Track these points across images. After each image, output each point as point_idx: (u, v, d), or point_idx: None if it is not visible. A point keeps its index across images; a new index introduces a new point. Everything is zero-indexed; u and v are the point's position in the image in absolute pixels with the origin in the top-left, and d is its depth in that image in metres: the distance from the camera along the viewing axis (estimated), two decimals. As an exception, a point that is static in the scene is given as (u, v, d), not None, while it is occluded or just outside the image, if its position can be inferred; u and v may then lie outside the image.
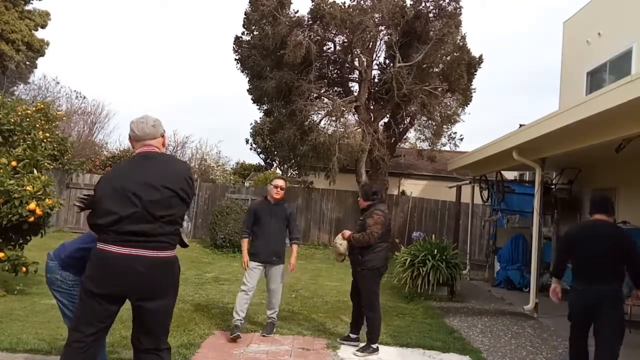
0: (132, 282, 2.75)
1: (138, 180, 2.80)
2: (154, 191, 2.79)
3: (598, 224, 4.43)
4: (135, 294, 2.79)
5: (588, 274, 4.36)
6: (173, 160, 3.15)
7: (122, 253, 2.72)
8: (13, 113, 7.56)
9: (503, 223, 10.87)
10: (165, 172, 2.90)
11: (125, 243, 2.72)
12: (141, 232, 2.74)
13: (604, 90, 5.32)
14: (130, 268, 2.73)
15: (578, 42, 11.48)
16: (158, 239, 2.79)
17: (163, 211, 2.79)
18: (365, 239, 5.05)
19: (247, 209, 5.43)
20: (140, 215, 2.75)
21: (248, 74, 14.87)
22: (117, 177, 2.89)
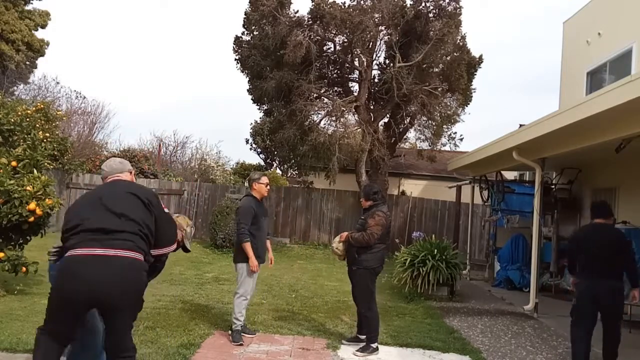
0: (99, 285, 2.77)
1: (103, 191, 3.13)
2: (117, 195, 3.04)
3: (598, 226, 5.07)
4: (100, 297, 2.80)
5: (592, 270, 4.89)
6: (138, 184, 3.38)
7: (86, 254, 2.79)
8: (13, 113, 7.55)
9: (503, 223, 10.87)
10: (130, 185, 3.22)
11: (91, 242, 2.81)
12: (105, 229, 2.84)
13: (604, 90, 5.31)
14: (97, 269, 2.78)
15: (578, 42, 11.48)
16: (122, 237, 2.84)
17: (125, 209, 2.92)
18: (364, 239, 5.04)
19: (245, 209, 5.20)
20: (102, 214, 2.90)
21: (248, 74, 14.87)
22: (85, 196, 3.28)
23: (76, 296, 2.77)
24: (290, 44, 12.01)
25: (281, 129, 13.50)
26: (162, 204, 3.23)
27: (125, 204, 2.96)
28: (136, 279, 2.88)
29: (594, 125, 5.80)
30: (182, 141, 23.60)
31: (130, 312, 2.93)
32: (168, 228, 3.19)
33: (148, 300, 6.58)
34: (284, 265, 11.42)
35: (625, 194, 8.67)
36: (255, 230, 5.20)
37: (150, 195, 3.11)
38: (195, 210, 14.91)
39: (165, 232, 3.14)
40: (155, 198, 3.14)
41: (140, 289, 2.93)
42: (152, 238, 3.02)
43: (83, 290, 2.75)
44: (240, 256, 5.15)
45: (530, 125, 7.16)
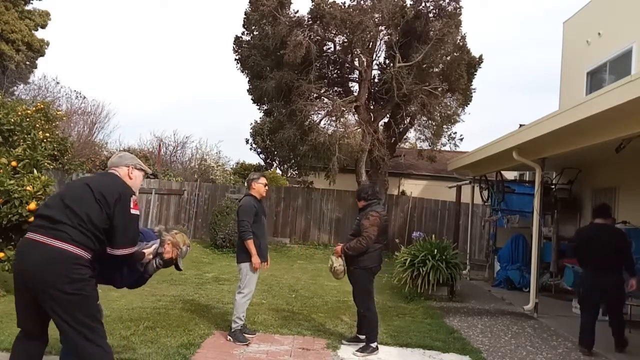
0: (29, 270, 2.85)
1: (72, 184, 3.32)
2: (74, 187, 3.19)
3: (598, 226, 5.73)
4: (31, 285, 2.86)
5: (595, 265, 5.60)
6: (117, 179, 3.25)
7: (30, 238, 2.90)
8: (13, 113, 7.56)
9: (503, 223, 10.87)
10: (100, 179, 3.26)
11: (38, 229, 2.91)
12: (47, 217, 2.92)
13: (604, 90, 5.31)
14: (34, 257, 2.85)
15: (578, 42, 11.48)
16: (60, 228, 2.87)
17: (72, 202, 2.96)
18: (362, 245, 5.02)
19: (246, 207, 5.21)
20: (54, 203, 3.01)
21: (248, 74, 14.87)
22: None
23: (19, 278, 2.92)
24: (290, 44, 12.00)
25: (281, 129, 13.50)
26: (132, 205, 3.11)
27: (76, 197, 3.00)
28: (61, 270, 2.81)
29: (594, 125, 5.80)
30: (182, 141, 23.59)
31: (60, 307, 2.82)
32: (124, 229, 3.04)
33: (148, 300, 6.61)
34: (284, 265, 11.43)
35: (625, 194, 8.67)
36: (257, 229, 5.21)
37: (107, 192, 3.01)
38: (195, 210, 14.91)
39: (120, 232, 3.02)
40: (117, 197, 3.02)
41: (64, 281, 2.80)
42: (102, 235, 2.97)
43: (21, 272, 2.91)
44: (243, 256, 5.15)
45: (530, 125, 7.16)
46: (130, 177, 3.37)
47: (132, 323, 5.32)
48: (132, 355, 4.35)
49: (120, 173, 3.33)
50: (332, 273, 5.32)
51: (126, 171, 3.36)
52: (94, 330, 2.90)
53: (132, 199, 3.14)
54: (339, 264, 5.20)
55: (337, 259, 5.22)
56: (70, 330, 2.85)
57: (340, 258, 5.22)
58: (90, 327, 2.88)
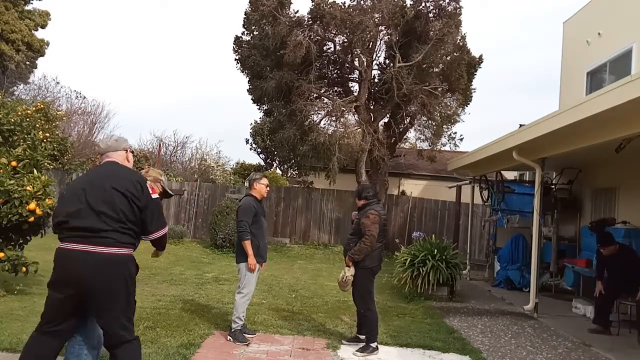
0: (79, 277, 2.89)
1: (85, 180, 3.14)
2: (97, 188, 3.02)
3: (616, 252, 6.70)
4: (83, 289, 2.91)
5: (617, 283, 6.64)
6: (125, 168, 3.28)
7: (72, 249, 2.91)
8: (13, 113, 7.56)
9: (503, 223, 10.86)
10: (114, 174, 3.13)
11: (74, 239, 2.92)
12: (85, 228, 2.92)
13: (604, 90, 5.31)
14: (84, 264, 2.89)
15: (578, 42, 11.48)
16: (103, 235, 2.92)
17: (105, 207, 2.96)
18: (366, 245, 5.00)
19: (246, 207, 5.20)
20: (84, 212, 2.95)
21: (248, 74, 14.87)
22: (72, 184, 3.26)
23: (64, 284, 2.93)
24: (290, 44, 12.00)
25: (281, 129, 13.50)
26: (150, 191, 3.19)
27: (106, 200, 2.98)
28: (119, 272, 2.98)
29: (594, 125, 5.80)
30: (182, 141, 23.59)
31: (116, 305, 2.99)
32: (155, 213, 3.17)
33: (148, 300, 6.61)
34: (284, 265, 11.43)
35: (625, 194, 8.67)
36: (257, 230, 5.20)
37: (130, 186, 3.05)
38: (195, 210, 14.91)
39: (151, 218, 3.14)
40: (139, 187, 3.08)
41: (122, 282, 3.00)
42: (138, 228, 3.09)
43: (69, 278, 2.91)
44: (241, 256, 5.15)
45: (530, 125, 7.16)
46: (128, 160, 3.34)
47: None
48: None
49: (119, 159, 3.27)
50: (343, 284, 5.19)
51: (124, 155, 3.31)
52: (132, 322, 3.12)
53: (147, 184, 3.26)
54: (351, 273, 5.12)
55: (350, 269, 5.13)
56: (117, 326, 2.98)
57: (351, 268, 5.13)
58: (131, 320, 3.11)
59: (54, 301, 2.99)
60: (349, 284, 5.16)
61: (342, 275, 5.19)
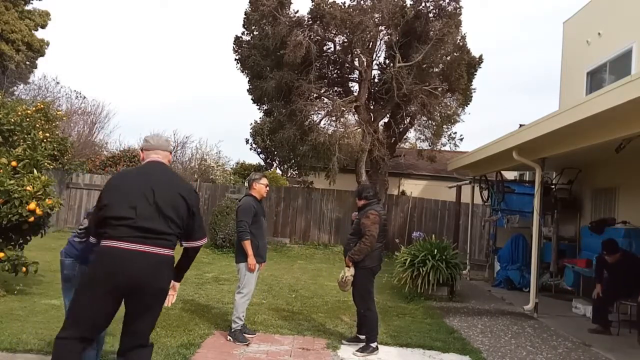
0: (137, 277, 2.82)
1: (148, 179, 3.00)
2: (168, 195, 2.97)
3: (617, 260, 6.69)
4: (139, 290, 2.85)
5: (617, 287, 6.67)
6: (177, 173, 3.32)
7: (132, 249, 2.82)
8: (13, 113, 7.56)
9: (503, 223, 10.86)
10: (175, 178, 3.16)
11: (136, 239, 2.83)
12: (150, 229, 2.86)
13: (604, 90, 5.31)
14: (141, 265, 2.83)
15: (578, 42, 11.48)
16: (164, 238, 2.92)
17: (171, 212, 2.94)
18: (366, 245, 5.00)
19: (245, 207, 5.19)
20: (152, 213, 2.89)
21: (248, 74, 14.86)
22: (130, 178, 3.07)
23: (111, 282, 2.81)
24: (290, 44, 12.00)
25: (281, 129, 13.49)
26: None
27: (175, 208, 2.97)
28: (169, 273, 3.02)
29: (594, 125, 5.80)
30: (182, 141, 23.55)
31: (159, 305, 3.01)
32: (202, 223, 3.22)
33: (148, 300, 6.61)
34: (284, 265, 11.43)
35: (625, 194, 8.67)
36: (256, 230, 5.20)
37: (193, 196, 3.10)
38: (195, 210, 14.89)
39: (200, 225, 3.17)
40: (195, 196, 3.14)
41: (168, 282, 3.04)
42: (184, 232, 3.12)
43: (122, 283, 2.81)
44: (241, 256, 5.15)
45: (530, 125, 7.16)
46: (170, 162, 3.31)
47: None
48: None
49: (165, 160, 3.21)
50: (343, 284, 5.19)
51: (169, 158, 3.27)
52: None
53: None
54: (351, 273, 5.12)
55: (349, 269, 5.13)
56: (151, 327, 2.99)
57: (351, 268, 5.13)
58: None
59: (99, 303, 2.82)
60: (349, 284, 5.16)
61: (342, 276, 5.19)
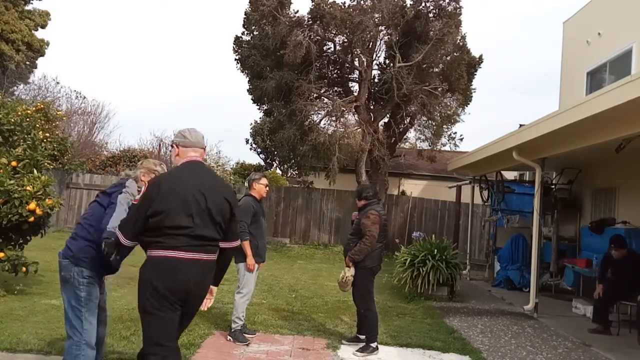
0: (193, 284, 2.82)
1: (198, 183, 2.89)
2: (217, 201, 2.91)
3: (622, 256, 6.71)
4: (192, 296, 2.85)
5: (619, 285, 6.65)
6: (219, 176, 3.31)
7: (189, 258, 2.78)
8: (13, 113, 7.56)
9: (503, 223, 10.86)
10: (219, 180, 3.13)
11: (193, 248, 2.79)
12: (205, 237, 2.84)
13: (604, 90, 5.31)
14: (196, 272, 2.82)
15: (578, 42, 11.48)
16: (214, 244, 2.91)
17: (219, 217, 2.90)
18: (367, 245, 5.00)
19: (245, 207, 5.17)
20: (205, 220, 2.84)
21: (248, 74, 14.86)
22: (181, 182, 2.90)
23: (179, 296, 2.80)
24: (290, 44, 12.00)
25: (281, 129, 13.49)
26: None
27: (222, 213, 2.94)
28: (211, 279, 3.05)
29: (594, 125, 5.80)
30: (182, 141, 23.53)
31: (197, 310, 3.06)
32: (237, 225, 3.20)
33: (148, 300, 6.61)
34: (284, 265, 11.42)
35: (625, 194, 8.67)
36: (255, 230, 5.20)
37: (234, 199, 3.07)
38: (195, 210, 14.89)
39: (236, 229, 3.14)
40: (236, 199, 3.14)
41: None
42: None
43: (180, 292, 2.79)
44: (240, 256, 5.15)
45: (530, 125, 7.16)
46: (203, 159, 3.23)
47: (132, 323, 5.32)
48: (132, 356, 4.34)
49: (201, 158, 3.11)
50: (343, 284, 5.18)
51: (204, 155, 3.18)
52: None
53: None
54: (351, 273, 5.11)
55: (350, 269, 5.12)
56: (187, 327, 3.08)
57: (352, 268, 5.12)
58: None
59: (170, 314, 2.79)
60: (349, 284, 5.16)
61: (342, 276, 5.18)
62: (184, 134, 3.05)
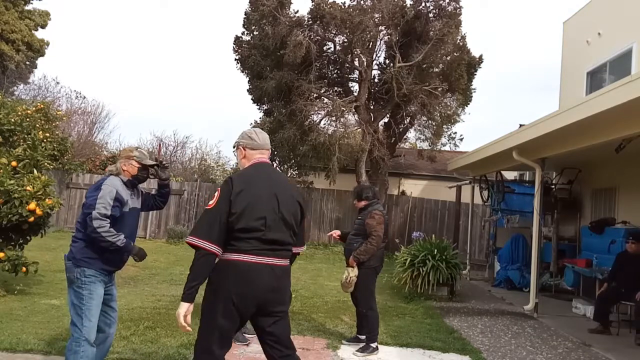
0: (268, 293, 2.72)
1: (270, 185, 2.80)
2: (289, 204, 2.82)
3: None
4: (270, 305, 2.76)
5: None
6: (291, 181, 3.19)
7: (262, 263, 2.69)
8: (13, 113, 7.56)
9: (503, 223, 10.87)
10: (289, 183, 3.00)
11: (264, 252, 2.69)
12: (277, 241, 2.74)
13: (604, 90, 5.31)
14: (268, 278, 2.70)
15: (578, 42, 11.48)
16: (287, 248, 2.81)
17: (292, 220, 2.82)
18: (373, 246, 4.98)
19: None
20: (278, 223, 2.74)
21: (248, 74, 14.87)
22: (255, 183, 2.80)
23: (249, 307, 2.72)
24: (290, 44, 12.01)
25: (281, 129, 13.49)
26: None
27: (295, 216, 2.86)
28: (289, 283, 2.92)
29: (594, 125, 5.80)
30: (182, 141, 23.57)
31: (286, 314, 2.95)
32: (303, 229, 3.08)
33: (148, 300, 6.61)
34: (284, 265, 11.41)
35: (625, 194, 8.67)
36: None
37: (305, 205, 3.01)
38: (195, 211, 14.91)
39: (302, 234, 3.04)
40: (306, 203, 3.08)
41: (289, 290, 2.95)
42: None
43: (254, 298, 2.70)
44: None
45: (530, 125, 7.16)
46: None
47: (132, 323, 5.32)
48: (132, 355, 4.35)
49: (268, 161, 3.01)
50: (347, 284, 5.12)
51: (268, 156, 3.05)
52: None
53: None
54: (355, 274, 5.08)
55: (354, 270, 5.08)
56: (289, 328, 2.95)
57: (355, 268, 5.09)
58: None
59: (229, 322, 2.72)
60: (353, 284, 5.14)
61: (345, 276, 5.15)
62: (251, 136, 2.95)
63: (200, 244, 2.62)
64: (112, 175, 3.51)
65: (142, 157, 3.60)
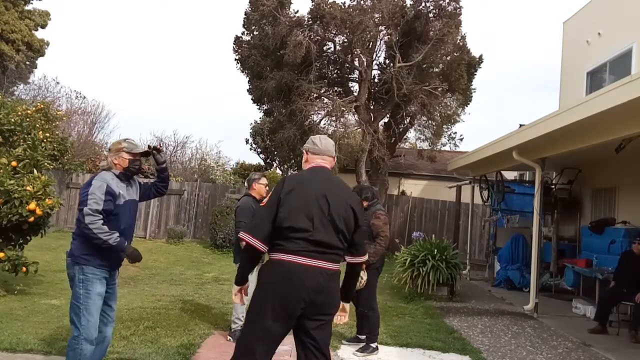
0: (312, 294, 2.66)
1: (321, 187, 2.79)
2: (341, 208, 2.78)
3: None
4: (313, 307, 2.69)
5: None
6: (346, 184, 3.11)
7: (309, 265, 2.66)
8: (13, 113, 7.57)
9: (503, 223, 10.87)
10: (346, 188, 2.96)
11: (312, 253, 2.66)
12: (325, 243, 2.70)
13: (604, 90, 5.32)
14: (315, 280, 2.66)
15: (578, 42, 11.48)
16: (336, 252, 2.77)
17: (342, 225, 2.77)
18: (381, 247, 4.98)
19: (244, 208, 5.16)
20: (327, 226, 2.72)
21: (248, 74, 14.87)
22: (306, 184, 2.81)
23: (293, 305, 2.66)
24: (290, 44, 12.01)
25: (281, 129, 13.50)
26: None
27: (346, 221, 2.80)
28: (337, 288, 2.84)
29: (594, 125, 5.80)
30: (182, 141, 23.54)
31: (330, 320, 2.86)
32: (364, 238, 3.02)
33: (148, 300, 6.61)
34: (284, 265, 11.41)
35: (625, 194, 8.67)
36: None
37: (361, 211, 2.94)
38: (195, 211, 14.90)
39: (362, 242, 2.97)
40: (362, 209, 2.99)
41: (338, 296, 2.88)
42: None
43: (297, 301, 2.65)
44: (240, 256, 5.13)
45: (530, 125, 7.16)
46: (332, 168, 3.10)
47: (132, 323, 5.32)
48: (132, 355, 4.35)
49: (329, 167, 2.97)
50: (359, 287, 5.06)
51: (333, 164, 3.01)
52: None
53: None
54: (366, 276, 5.01)
55: (364, 272, 4.99)
56: (329, 334, 2.85)
57: (364, 271, 5.00)
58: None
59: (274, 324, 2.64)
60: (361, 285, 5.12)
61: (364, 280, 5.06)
62: (314, 141, 3.00)
63: (246, 238, 2.74)
64: (104, 170, 3.50)
65: (132, 147, 3.57)
